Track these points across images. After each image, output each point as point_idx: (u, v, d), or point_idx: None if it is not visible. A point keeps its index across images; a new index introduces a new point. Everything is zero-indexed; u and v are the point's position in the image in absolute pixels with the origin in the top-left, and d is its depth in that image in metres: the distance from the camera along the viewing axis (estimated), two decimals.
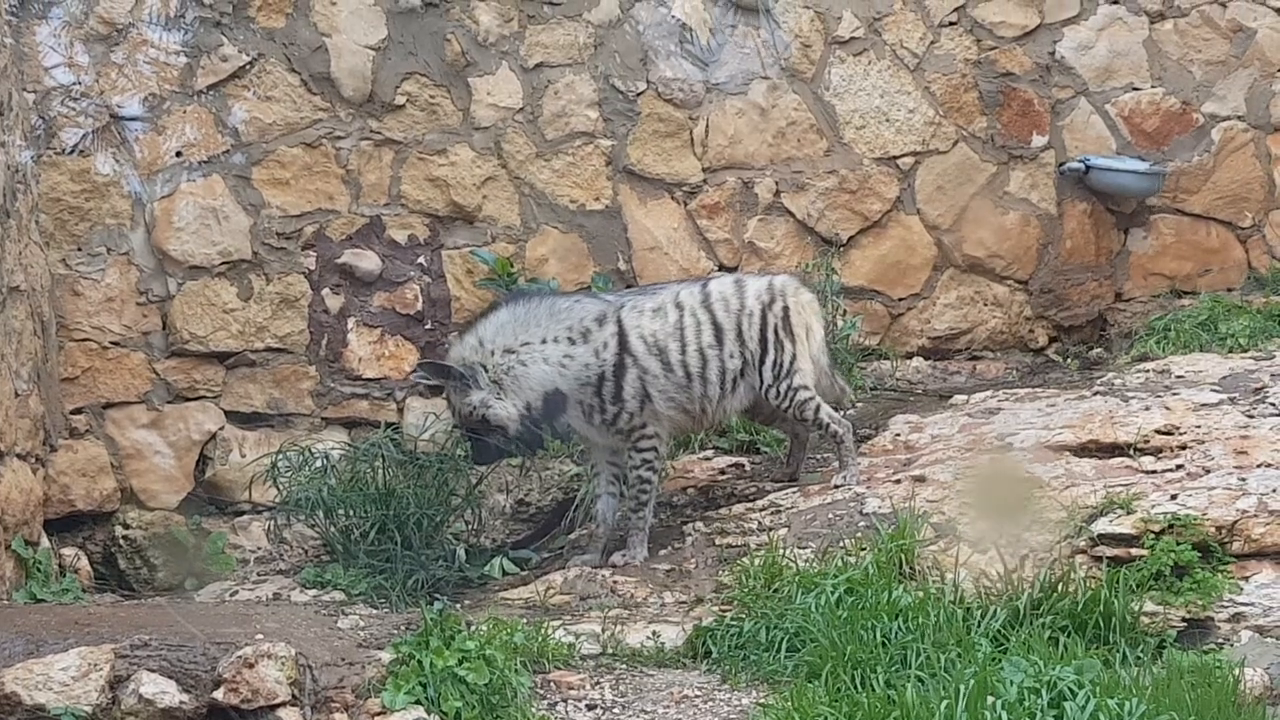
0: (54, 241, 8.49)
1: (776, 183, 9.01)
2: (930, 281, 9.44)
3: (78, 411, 8.57)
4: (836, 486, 7.22)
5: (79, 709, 5.58)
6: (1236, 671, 5.77)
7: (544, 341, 6.98)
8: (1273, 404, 7.66)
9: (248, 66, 8.65)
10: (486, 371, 6.99)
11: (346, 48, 8.62)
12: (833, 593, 6.46)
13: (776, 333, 7.19)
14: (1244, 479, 6.86)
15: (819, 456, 8.34)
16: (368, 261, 8.77)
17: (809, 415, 7.23)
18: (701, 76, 8.98)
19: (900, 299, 9.35)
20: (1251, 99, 9.74)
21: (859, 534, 7.01)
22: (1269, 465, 6.98)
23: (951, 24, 9.36)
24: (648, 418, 7.05)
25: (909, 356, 9.37)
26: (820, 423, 7.23)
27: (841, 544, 6.93)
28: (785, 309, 7.18)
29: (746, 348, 7.18)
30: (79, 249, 8.53)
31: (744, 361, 7.19)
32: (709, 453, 8.62)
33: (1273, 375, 8.11)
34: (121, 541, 8.43)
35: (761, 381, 7.22)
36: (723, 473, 8.40)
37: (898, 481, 7.40)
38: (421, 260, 8.85)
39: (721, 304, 7.22)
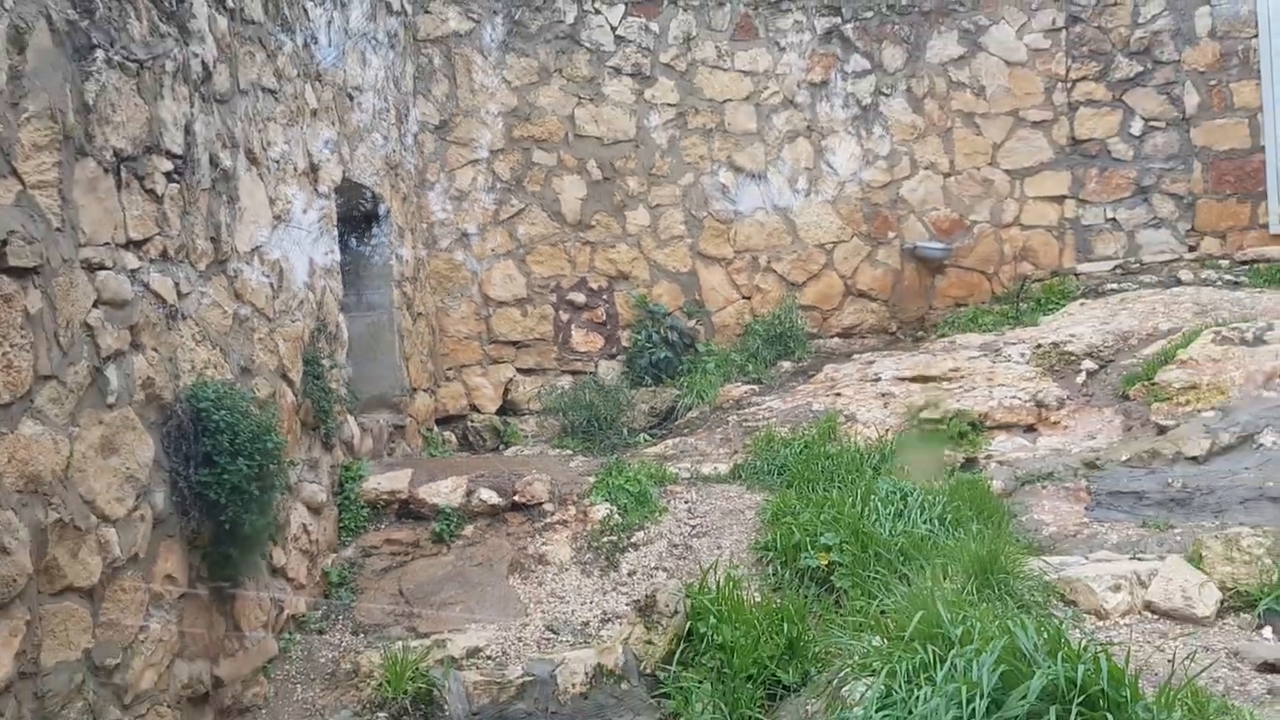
0: (436, 291, 11.54)
1: None
2: None
3: (449, 369, 11.81)
4: None
5: (450, 505, 7.67)
6: (988, 482, 7.42)
7: None
8: (1006, 355, 9.73)
9: None
10: None
11: None
12: (798, 448, 8.33)
13: None
14: (990, 391, 8.83)
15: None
16: None
17: None
18: None
19: None
20: (994, 212, 12.41)
21: (809, 419, 9.03)
22: (1002, 385, 8.91)
23: None
24: None
25: None
26: None
27: (801, 425, 8.91)
28: None
29: None
30: (447, 297, 11.66)
31: None
32: (739, 383, 11.00)
33: (1005, 343, 10.19)
34: (469, 428, 11.61)
35: None
36: (746, 392, 10.70)
37: (828, 395, 9.65)
38: None
39: None
